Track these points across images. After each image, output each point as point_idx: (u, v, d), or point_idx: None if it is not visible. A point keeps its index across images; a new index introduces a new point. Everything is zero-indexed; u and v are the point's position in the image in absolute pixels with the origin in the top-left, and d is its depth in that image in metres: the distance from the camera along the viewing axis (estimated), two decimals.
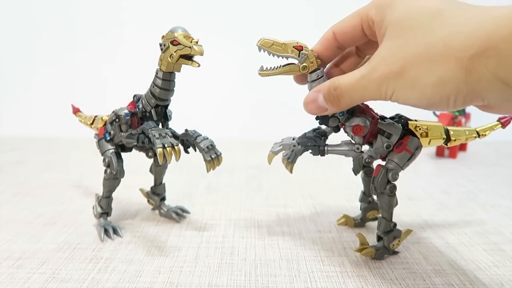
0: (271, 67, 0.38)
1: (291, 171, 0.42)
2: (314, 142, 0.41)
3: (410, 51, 0.30)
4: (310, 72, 0.38)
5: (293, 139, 0.42)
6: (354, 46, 0.39)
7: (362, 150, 0.41)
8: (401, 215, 0.53)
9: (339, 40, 0.37)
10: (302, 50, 0.37)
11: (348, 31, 0.36)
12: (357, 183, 0.49)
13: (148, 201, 0.54)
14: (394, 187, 0.39)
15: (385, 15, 0.32)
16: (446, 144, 0.42)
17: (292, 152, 0.42)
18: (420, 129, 0.40)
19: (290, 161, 0.41)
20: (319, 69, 0.38)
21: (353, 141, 0.40)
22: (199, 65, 0.39)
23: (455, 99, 0.29)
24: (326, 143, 0.41)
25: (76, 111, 0.56)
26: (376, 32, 0.34)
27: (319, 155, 0.41)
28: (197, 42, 0.38)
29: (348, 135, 0.41)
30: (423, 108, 0.33)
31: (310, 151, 0.41)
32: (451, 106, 0.30)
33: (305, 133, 0.42)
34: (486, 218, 0.53)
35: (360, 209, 0.49)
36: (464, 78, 0.28)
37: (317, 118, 0.41)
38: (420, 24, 0.30)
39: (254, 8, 1.02)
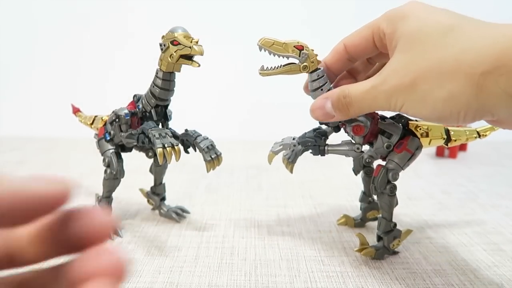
0: (271, 67, 0.38)
1: (291, 171, 0.42)
2: (315, 142, 0.41)
3: (422, 65, 0.30)
4: (311, 72, 0.38)
5: (293, 139, 0.42)
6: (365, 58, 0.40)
7: (363, 150, 0.41)
8: (401, 215, 0.53)
9: (350, 53, 0.38)
10: (303, 49, 0.37)
11: (359, 44, 0.37)
12: (357, 183, 0.49)
13: (148, 201, 0.54)
14: (394, 187, 0.39)
15: (397, 28, 0.32)
16: (447, 144, 0.42)
17: (292, 152, 0.42)
18: (420, 129, 0.40)
19: (290, 161, 0.42)
20: (320, 68, 0.38)
21: (353, 141, 0.40)
22: (199, 65, 0.39)
23: (465, 114, 0.30)
24: (326, 143, 0.41)
25: (76, 111, 0.56)
26: (387, 44, 0.34)
27: (319, 155, 0.41)
28: (197, 42, 0.38)
29: (348, 135, 0.41)
30: (433, 121, 0.33)
31: (310, 151, 0.41)
32: (461, 121, 0.31)
33: (305, 133, 0.42)
34: (486, 218, 0.53)
35: (360, 209, 0.49)
36: (475, 94, 0.28)
37: None
38: (432, 39, 0.30)
39: (254, 8, 1.02)
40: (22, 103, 1.06)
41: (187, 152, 0.44)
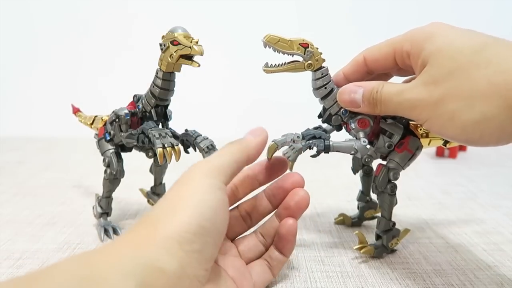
0: (275, 64, 0.38)
1: (291, 169, 0.42)
2: (320, 135, 0.40)
3: (452, 83, 0.30)
4: (315, 70, 0.38)
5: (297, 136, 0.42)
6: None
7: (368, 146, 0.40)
8: (401, 215, 0.53)
9: (369, 66, 0.38)
10: (308, 47, 0.36)
11: (380, 59, 0.37)
12: (356, 183, 0.49)
13: (148, 201, 0.54)
14: (395, 186, 0.39)
15: (424, 48, 0.32)
16: (445, 145, 0.42)
17: (292, 150, 0.41)
18: (421, 129, 0.40)
19: (290, 159, 0.41)
20: (324, 67, 0.38)
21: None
22: (199, 65, 0.39)
23: (498, 137, 0.29)
24: (330, 139, 0.41)
25: (76, 111, 0.56)
26: (412, 64, 0.34)
27: (324, 151, 0.39)
28: (197, 42, 0.38)
29: (350, 133, 0.40)
30: (460, 142, 0.33)
31: (314, 146, 0.40)
32: (493, 144, 0.30)
33: (309, 129, 0.42)
34: (486, 218, 0.53)
35: (358, 207, 0.49)
36: (510, 116, 0.27)
37: (319, 116, 0.41)
38: (463, 56, 0.30)
39: (253, 9, 1.02)
40: (22, 103, 1.06)
41: (187, 152, 0.44)
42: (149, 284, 0.24)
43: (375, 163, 0.42)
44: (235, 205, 0.38)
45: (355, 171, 0.46)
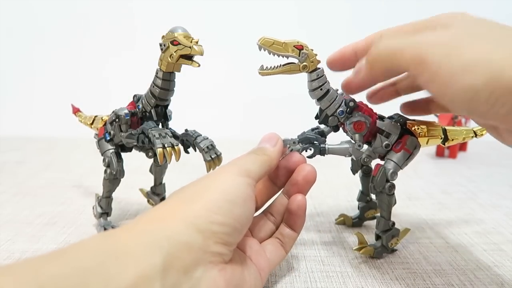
0: (271, 66, 0.38)
1: None
2: (315, 139, 0.41)
3: (471, 31, 0.26)
4: (310, 72, 0.38)
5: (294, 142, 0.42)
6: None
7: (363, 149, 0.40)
8: (401, 215, 0.53)
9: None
10: (303, 49, 0.36)
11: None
12: (356, 183, 0.49)
13: (148, 201, 0.54)
14: (393, 186, 0.39)
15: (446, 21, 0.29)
16: (444, 144, 0.42)
17: (290, 152, 0.41)
18: (418, 128, 0.40)
19: None
20: (319, 68, 0.38)
21: (352, 141, 0.40)
22: (199, 65, 0.39)
23: (506, 100, 0.23)
24: (326, 142, 0.41)
25: (76, 111, 0.55)
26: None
27: (319, 154, 0.41)
28: (197, 42, 0.38)
29: (347, 134, 0.41)
30: (459, 106, 0.26)
31: (310, 150, 0.41)
32: (496, 110, 0.24)
33: (305, 132, 0.42)
34: (486, 218, 0.53)
35: (358, 208, 0.49)
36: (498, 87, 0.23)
37: (316, 117, 0.41)
38: (487, 23, 0.27)
39: (253, 8, 1.02)
40: (22, 103, 1.06)
41: (187, 152, 0.44)
42: (175, 256, 0.25)
43: (374, 163, 0.42)
44: None
45: (354, 171, 0.46)
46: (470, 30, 0.27)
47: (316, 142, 0.40)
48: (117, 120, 0.43)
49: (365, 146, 0.41)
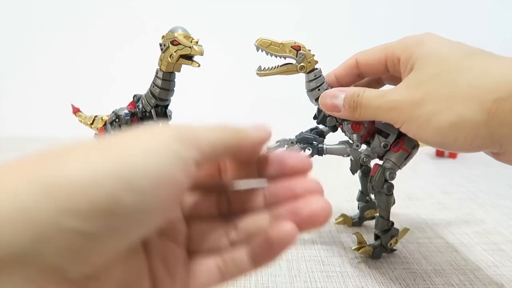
0: (269, 67, 0.38)
1: None
2: (313, 139, 0.41)
3: (434, 86, 0.30)
4: (308, 72, 0.38)
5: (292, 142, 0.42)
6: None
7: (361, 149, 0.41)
8: (401, 215, 0.53)
9: (361, 69, 0.38)
10: (300, 50, 0.37)
11: (372, 64, 0.37)
12: (356, 183, 0.49)
13: None
14: (392, 186, 0.39)
15: (413, 52, 0.33)
16: None
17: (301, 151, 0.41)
18: None
19: None
20: (317, 69, 0.38)
21: (351, 141, 0.40)
22: (199, 65, 0.39)
23: (472, 141, 0.29)
24: (324, 142, 0.41)
25: (76, 111, 0.55)
26: (401, 70, 0.34)
27: (317, 155, 0.41)
28: (197, 42, 0.38)
29: (346, 134, 0.41)
30: (434, 146, 0.33)
31: (308, 150, 0.41)
32: (466, 148, 0.30)
33: (303, 132, 0.42)
34: (486, 218, 0.53)
35: (358, 208, 0.49)
36: (485, 121, 0.27)
37: (315, 117, 0.41)
38: (448, 62, 0.30)
39: (253, 8, 1.02)
40: (22, 103, 1.06)
41: None
42: None
43: (374, 163, 0.42)
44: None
45: (353, 171, 0.46)
46: (434, 87, 0.30)
47: (315, 143, 0.40)
48: (117, 120, 0.43)
49: (364, 146, 0.41)
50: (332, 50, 0.40)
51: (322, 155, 0.41)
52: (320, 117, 0.40)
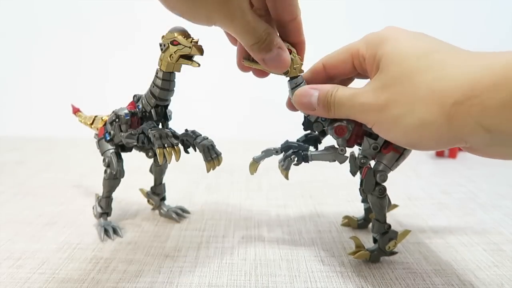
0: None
1: (286, 177, 0.41)
2: (296, 148, 0.40)
3: (396, 89, 0.30)
4: (290, 79, 0.38)
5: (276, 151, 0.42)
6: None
7: (347, 153, 0.40)
8: (401, 215, 0.53)
9: (329, 73, 0.38)
10: (290, 54, 0.36)
11: (339, 65, 0.37)
12: (356, 183, 0.49)
13: (148, 201, 0.54)
14: (384, 188, 0.38)
15: (376, 51, 0.33)
16: None
17: (286, 159, 0.41)
18: None
19: (284, 168, 0.41)
20: (298, 76, 0.38)
21: (336, 146, 0.40)
22: (199, 65, 0.39)
23: (437, 142, 0.30)
24: (310, 149, 0.41)
25: (76, 111, 0.56)
26: (367, 68, 0.35)
27: (303, 162, 0.40)
28: (197, 42, 0.38)
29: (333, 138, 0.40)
30: (403, 146, 0.34)
31: (293, 158, 0.40)
32: (433, 148, 0.31)
33: (288, 140, 0.41)
34: (486, 218, 0.53)
35: (364, 209, 0.49)
36: (446, 123, 0.28)
37: (302, 123, 0.40)
38: (408, 62, 0.30)
39: None
40: (22, 103, 1.06)
41: (187, 152, 0.44)
42: None
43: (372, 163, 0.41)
44: None
45: (353, 173, 0.46)
46: (396, 89, 0.31)
47: (300, 150, 0.40)
48: (117, 120, 0.43)
49: (349, 150, 0.41)
50: (331, 50, 0.39)
51: (308, 162, 0.40)
52: (305, 123, 0.40)
